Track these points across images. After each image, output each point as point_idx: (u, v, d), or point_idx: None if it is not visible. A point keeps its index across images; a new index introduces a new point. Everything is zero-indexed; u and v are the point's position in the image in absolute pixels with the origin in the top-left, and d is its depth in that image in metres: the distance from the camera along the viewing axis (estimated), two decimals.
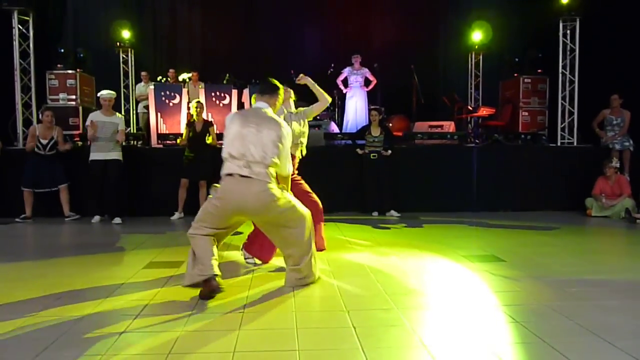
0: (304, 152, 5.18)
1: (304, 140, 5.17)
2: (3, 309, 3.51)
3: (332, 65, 10.80)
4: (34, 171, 7.54)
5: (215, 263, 3.63)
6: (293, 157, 4.82)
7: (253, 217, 3.88)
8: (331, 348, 2.82)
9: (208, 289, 3.59)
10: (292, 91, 5.15)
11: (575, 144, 9.36)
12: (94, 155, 7.43)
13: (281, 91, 4.06)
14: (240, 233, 5.19)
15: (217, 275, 3.59)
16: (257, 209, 3.71)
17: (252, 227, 4.60)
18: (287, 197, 3.86)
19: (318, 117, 10.52)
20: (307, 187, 5.13)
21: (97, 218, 7.51)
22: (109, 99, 7.52)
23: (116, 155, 7.51)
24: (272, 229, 3.91)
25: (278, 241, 4.02)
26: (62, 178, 7.61)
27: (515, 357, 2.69)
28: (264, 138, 3.71)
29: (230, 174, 3.70)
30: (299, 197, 4.30)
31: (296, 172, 5.08)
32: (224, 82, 9.91)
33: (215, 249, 3.73)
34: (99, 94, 7.74)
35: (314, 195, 5.13)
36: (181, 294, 3.82)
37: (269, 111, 3.91)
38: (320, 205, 5.11)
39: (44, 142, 7.55)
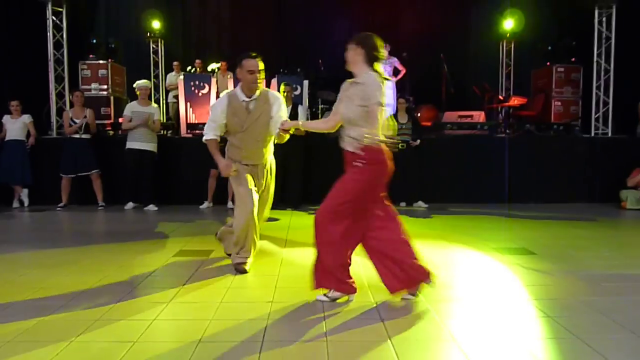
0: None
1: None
2: (39, 294, 3.61)
3: None
4: (72, 156, 7.71)
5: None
6: None
7: None
8: (359, 339, 2.82)
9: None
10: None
11: (609, 134, 9.12)
12: (130, 144, 7.57)
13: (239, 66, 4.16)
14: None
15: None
16: None
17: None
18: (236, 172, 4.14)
19: None
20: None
21: (130, 205, 7.68)
22: (145, 88, 7.68)
23: (152, 147, 7.64)
24: None
25: None
26: (94, 163, 7.76)
27: (548, 353, 2.64)
28: None
29: None
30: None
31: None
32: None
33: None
34: (135, 84, 7.88)
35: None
36: (211, 282, 3.87)
37: None
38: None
39: (77, 121, 7.71)
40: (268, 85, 9.62)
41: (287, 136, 4.06)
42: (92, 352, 2.65)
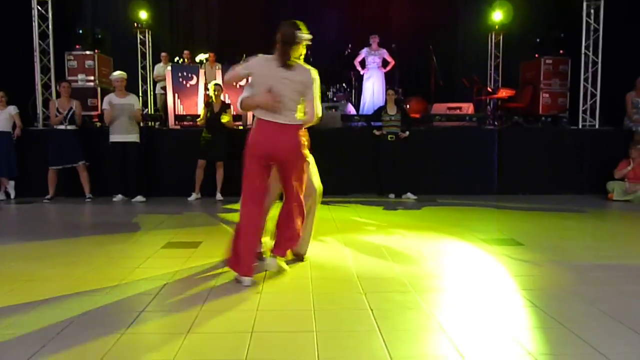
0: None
1: None
2: (25, 287, 3.57)
3: (350, 46, 10.69)
4: (58, 148, 7.63)
5: None
6: None
7: None
8: (348, 330, 2.83)
9: None
10: None
11: (597, 126, 9.18)
12: (113, 137, 7.55)
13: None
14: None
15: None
16: None
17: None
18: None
19: (335, 99, 10.47)
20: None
21: (119, 197, 7.62)
22: (120, 80, 7.58)
23: (134, 137, 7.61)
24: None
25: None
26: (81, 155, 7.69)
27: (534, 342, 2.66)
28: None
29: None
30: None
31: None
32: (241, 63, 9.86)
33: None
34: (110, 76, 7.83)
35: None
36: (200, 273, 3.85)
37: None
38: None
39: (63, 112, 7.62)
40: None
41: None
42: (78, 344, 2.62)
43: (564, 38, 9.83)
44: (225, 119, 7.55)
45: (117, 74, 7.68)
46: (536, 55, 9.95)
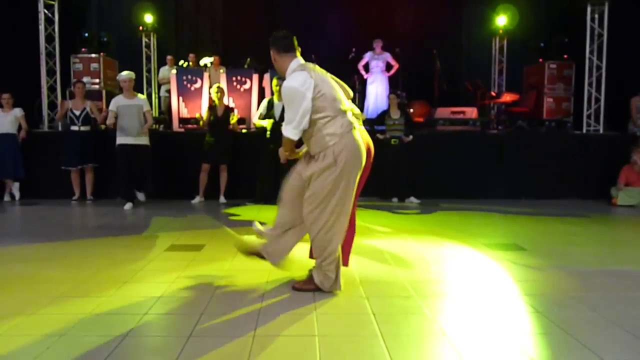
0: None
1: None
2: (28, 289, 3.59)
3: (354, 49, 10.70)
4: (73, 149, 7.66)
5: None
6: None
7: None
8: (350, 334, 2.83)
9: None
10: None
11: (601, 131, 9.17)
12: (121, 140, 7.14)
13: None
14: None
15: None
16: None
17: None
18: None
19: None
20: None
21: (129, 205, 7.19)
22: (128, 80, 7.21)
23: (145, 140, 7.30)
24: None
25: None
26: (92, 156, 7.74)
27: (537, 348, 2.66)
28: None
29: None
30: None
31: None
32: (245, 66, 9.90)
33: None
34: (117, 77, 7.77)
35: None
36: (202, 277, 3.86)
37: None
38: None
39: (77, 112, 7.64)
40: (261, 79, 9.62)
41: None
42: (82, 346, 2.64)
43: (568, 43, 9.84)
44: (234, 119, 7.59)
45: (125, 74, 7.31)
46: (540, 60, 9.96)
